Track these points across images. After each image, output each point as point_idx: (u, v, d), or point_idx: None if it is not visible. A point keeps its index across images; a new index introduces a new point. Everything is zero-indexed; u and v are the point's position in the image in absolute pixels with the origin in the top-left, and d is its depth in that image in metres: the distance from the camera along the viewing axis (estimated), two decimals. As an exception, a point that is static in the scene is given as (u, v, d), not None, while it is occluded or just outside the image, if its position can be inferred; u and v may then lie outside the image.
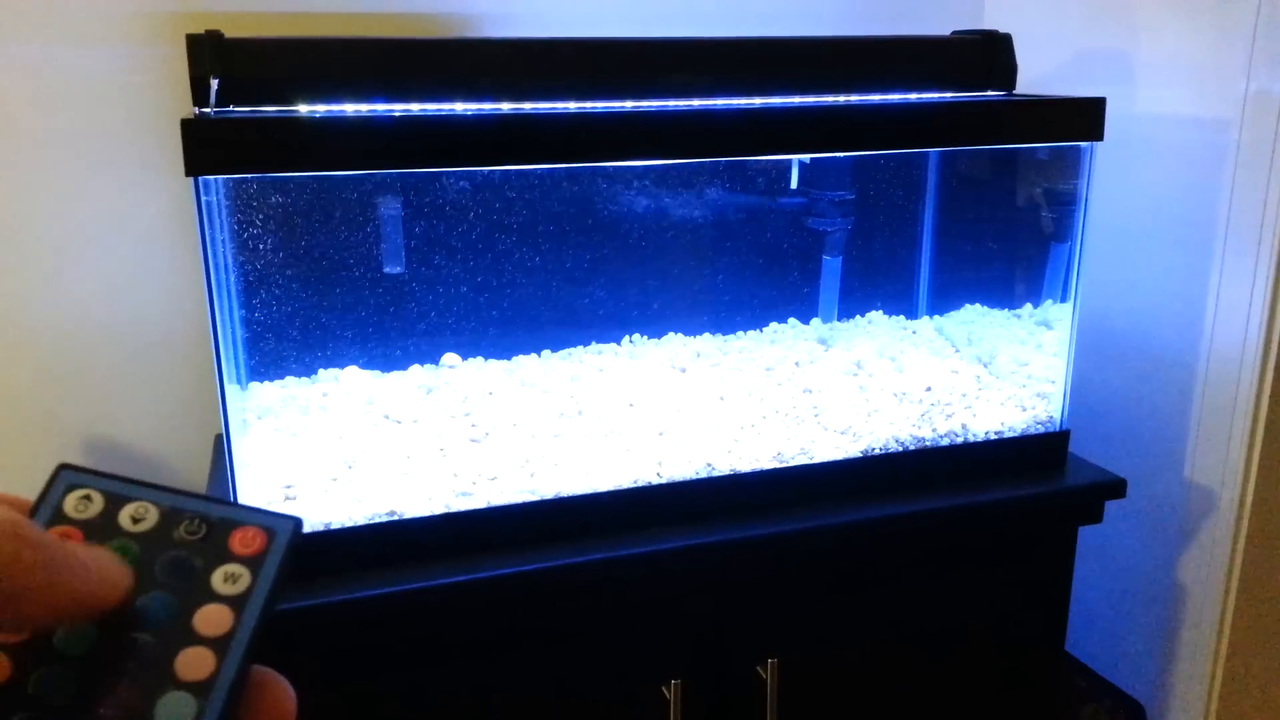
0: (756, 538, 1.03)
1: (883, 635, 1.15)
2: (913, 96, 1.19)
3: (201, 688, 0.29)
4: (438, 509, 0.98)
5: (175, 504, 0.32)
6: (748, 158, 1.26)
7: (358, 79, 1.02)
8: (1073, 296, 1.15)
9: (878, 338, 1.34)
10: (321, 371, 1.20)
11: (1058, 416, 1.17)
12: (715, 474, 1.06)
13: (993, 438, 1.15)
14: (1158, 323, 1.30)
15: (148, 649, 0.29)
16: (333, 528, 0.95)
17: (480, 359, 1.25)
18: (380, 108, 1.00)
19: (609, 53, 1.11)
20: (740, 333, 1.36)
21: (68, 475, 0.32)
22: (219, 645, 0.30)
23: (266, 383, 1.17)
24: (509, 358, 1.26)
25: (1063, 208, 1.23)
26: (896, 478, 1.11)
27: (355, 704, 0.99)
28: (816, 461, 1.09)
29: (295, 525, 0.32)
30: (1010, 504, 1.11)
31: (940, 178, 1.40)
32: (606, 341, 1.31)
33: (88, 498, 0.31)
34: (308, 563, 0.93)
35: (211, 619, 0.30)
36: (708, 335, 1.35)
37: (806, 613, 1.11)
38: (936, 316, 1.42)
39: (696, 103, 1.07)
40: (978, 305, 1.42)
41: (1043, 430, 1.17)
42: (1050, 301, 1.30)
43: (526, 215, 1.24)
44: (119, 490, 0.32)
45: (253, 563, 0.31)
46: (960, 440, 1.14)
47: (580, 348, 1.30)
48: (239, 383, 1.11)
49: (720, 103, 1.07)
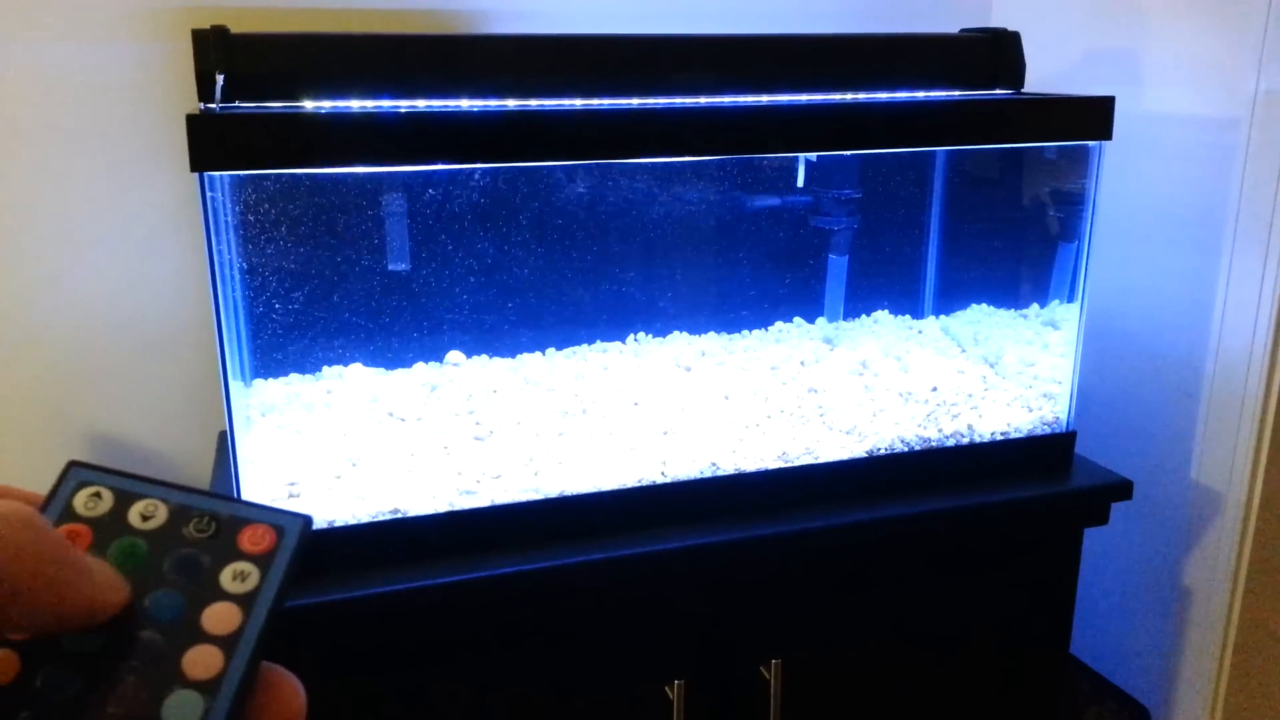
0: (761, 537, 1.03)
1: (887, 636, 1.15)
2: (920, 95, 1.18)
3: (209, 686, 0.29)
4: (441, 507, 0.97)
5: (185, 501, 0.32)
6: (754, 155, 1.26)
7: (364, 75, 1.02)
8: (1080, 297, 1.14)
9: (883, 337, 1.34)
10: (326, 369, 1.20)
11: (1064, 417, 1.17)
12: (720, 473, 1.05)
13: (998, 438, 1.15)
14: (1165, 324, 1.30)
15: (155, 647, 0.29)
16: (336, 525, 0.95)
17: (485, 357, 1.25)
18: (386, 104, 1.00)
19: (615, 50, 1.10)
20: (745, 332, 1.36)
21: (78, 472, 0.32)
22: (227, 644, 0.29)
23: (271, 380, 1.17)
24: (513, 356, 1.26)
25: (1070, 207, 1.23)
26: (901, 478, 1.11)
27: (358, 702, 0.98)
28: (821, 461, 1.08)
29: (305, 523, 0.32)
30: (1016, 505, 1.11)
31: (947, 177, 1.40)
32: (611, 340, 1.31)
33: (97, 495, 0.31)
34: (311, 560, 0.91)
35: (220, 617, 0.30)
36: (713, 334, 1.34)
37: (811, 613, 1.11)
38: (942, 316, 1.41)
39: (703, 100, 1.06)
40: (984, 305, 1.41)
41: (1049, 431, 1.16)
42: (1057, 302, 1.30)
43: (532, 213, 1.24)
44: (128, 488, 0.32)
45: (262, 561, 0.31)
46: (966, 441, 1.14)
47: (585, 346, 1.30)
48: (243, 380, 1.11)
49: (727, 100, 1.07)
